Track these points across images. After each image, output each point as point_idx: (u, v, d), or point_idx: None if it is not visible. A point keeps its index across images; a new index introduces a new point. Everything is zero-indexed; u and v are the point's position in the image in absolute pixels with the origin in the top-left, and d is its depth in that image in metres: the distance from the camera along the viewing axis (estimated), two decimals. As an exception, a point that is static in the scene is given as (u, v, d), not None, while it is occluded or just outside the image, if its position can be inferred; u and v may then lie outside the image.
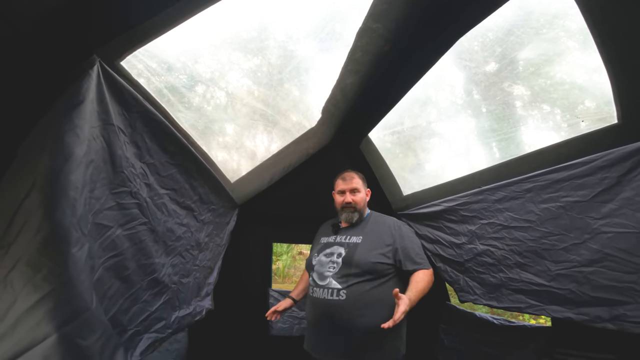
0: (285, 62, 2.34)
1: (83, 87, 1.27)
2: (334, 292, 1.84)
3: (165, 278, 1.96)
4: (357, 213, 2.13)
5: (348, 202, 2.13)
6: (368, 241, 1.96)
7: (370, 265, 1.85)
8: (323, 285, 1.90)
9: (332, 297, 1.84)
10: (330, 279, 1.90)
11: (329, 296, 1.85)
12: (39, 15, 1.16)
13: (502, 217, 2.21)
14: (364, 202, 2.19)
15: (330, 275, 1.90)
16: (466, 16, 1.76)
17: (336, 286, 1.85)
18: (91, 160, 1.32)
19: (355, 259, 1.89)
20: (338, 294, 1.83)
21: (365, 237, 2.00)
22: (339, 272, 1.89)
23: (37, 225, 1.13)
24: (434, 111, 2.85)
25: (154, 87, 1.83)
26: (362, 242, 1.96)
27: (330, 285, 1.87)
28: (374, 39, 1.94)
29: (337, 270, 1.90)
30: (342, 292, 1.83)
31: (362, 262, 1.87)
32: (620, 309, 1.69)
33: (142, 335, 1.78)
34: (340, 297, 1.82)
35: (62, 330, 1.13)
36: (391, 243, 1.96)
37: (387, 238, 1.98)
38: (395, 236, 1.99)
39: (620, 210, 1.68)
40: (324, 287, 1.88)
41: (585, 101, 2.03)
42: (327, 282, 1.89)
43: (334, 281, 1.87)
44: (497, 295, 2.29)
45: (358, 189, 2.18)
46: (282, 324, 3.50)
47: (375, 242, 1.96)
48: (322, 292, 1.88)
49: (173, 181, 1.98)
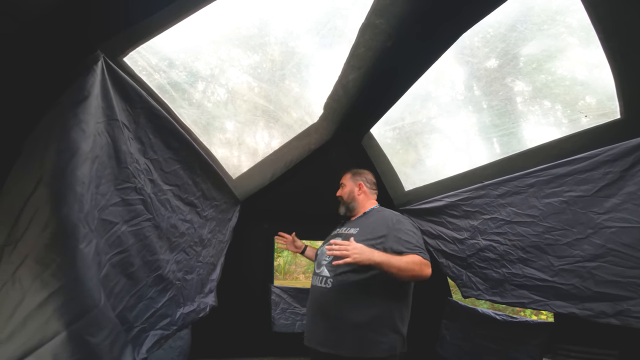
0: (287, 59, 2.34)
1: (88, 82, 1.26)
2: (324, 280, 1.92)
3: (169, 275, 1.96)
4: (344, 206, 2.25)
5: (337, 195, 2.29)
6: (362, 232, 2.00)
7: None
8: (318, 272, 1.98)
9: (321, 285, 1.92)
10: (324, 267, 1.97)
11: (319, 284, 1.93)
12: (43, 11, 1.15)
13: (504, 212, 2.22)
14: (350, 195, 2.25)
15: (325, 264, 1.97)
16: (469, 12, 1.76)
17: (326, 274, 1.92)
18: (96, 155, 1.31)
19: None
20: (326, 282, 1.90)
21: (361, 229, 2.03)
22: (331, 261, 1.93)
23: (44, 221, 1.12)
24: (435, 107, 2.85)
25: (156, 83, 1.82)
26: (357, 234, 1.99)
27: (323, 273, 1.95)
28: (376, 34, 1.93)
29: (330, 260, 1.94)
30: (329, 280, 1.89)
31: None
32: (624, 304, 1.70)
33: (148, 333, 1.78)
34: (327, 285, 1.89)
35: (71, 327, 1.12)
36: (384, 234, 1.93)
37: (381, 230, 1.96)
38: (390, 228, 1.95)
39: (624, 205, 1.69)
40: (318, 275, 1.97)
41: (586, 97, 2.04)
42: (321, 269, 1.97)
43: (326, 269, 1.94)
44: (501, 291, 2.30)
45: (343, 183, 2.30)
46: (285, 321, 3.52)
47: (368, 234, 1.97)
48: (316, 279, 1.98)
49: (176, 177, 1.97)
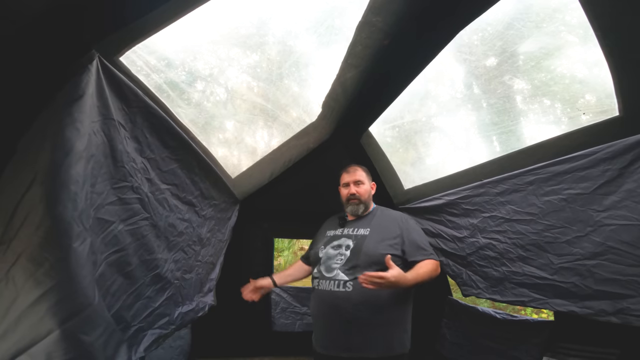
0: (285, 57, 2.33)
1: (82, 81, 1.26)
2: (341, 284, 1.83)
3: (167, 274, 1.96)
4: (363, 205, 2.12)
5: (352, 193, 2.11)
6: (376, 233, 1.96)
7: (378, 256, 1.81)
8: (330, 277, 1.88)
9: (338, 289, 1.83)
10: (337, 270, 1.88)
11: (335, 288, 1.84)
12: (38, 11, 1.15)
13: (504, 210, 2.20)
14: (369, 194, 2.17)
15: (338, 267, 1.89)
16: (466, 9, 1.75)
17: (343, 278, 1.84)
18: (92, 154, 1.31)
19: (364, 251, 1.88)
20: (345, 285, 1.82)
21: (372, 229, 1.99)
22: (346, 264, 1.88)
23: (38, 219, 1.12)
24: (434, 105, 2.84)
25: (153, 83, 1.82)
26: (370, 234, 1.95)
27: (337, 277, 1.86)
28: (373, 32, 1.92)
29: (345, 262, 1.89)
30: (349, 283, 1.81)
31: (370, 253, 1.86)
32: (624, 302, 1.69)
33: (146, 332, 1.78)
34: (346, 289, 1.81)
35: (64, 325, 1.13)
36: (399, 234, 1.95)
37: (394, 229, 1.97)
38: (402, 228, 1.98)
39: (623, 203, 1.68)
40: (331, 279, 1.87)
41: (585, 95, 2.03)
42: (334, 274, 1.88)
43: (342, 273, 1.86)
44: (500, 289, 2.29)
45: (362, 181, 2.16)
46: (285, 320, 3.51)
47: (383, 234, 1.95)
48: (328, 284, 1.87)
49: (174, 176, 1.97)
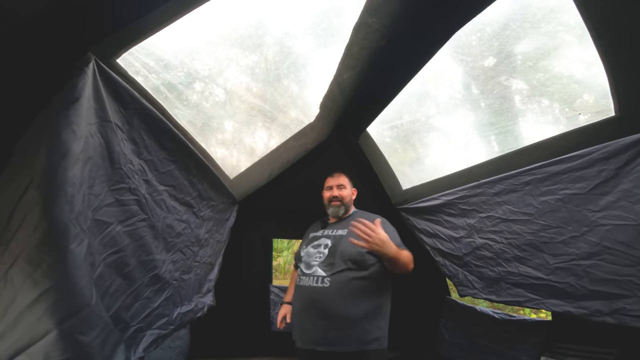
0: (283, 58, 2.34)
1: (79, 84, 1.27)
2: (319, 280, 1.92)
3: (166, 274, 1.97)
4: (343, 207, 2.22)
5: (335, 195, 2.22)
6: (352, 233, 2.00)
7: (353, 255, 1.91)
8: (309, 273, 1.98)
9: (316, 284, 1.92)
10: (316, 267, 1.98)
11: (314, 283, 1.93)
12: (34, 14, 1.16)
13: (500, 210, 2.21)
14: (350, 198, 2.28)
15: (317, 264, 1.99)
16: (462, 9, 1.76)
17: (321, 274, 1.93)
18: (89, 156, 1.32)
19: (340, 249, 1.97)
20: (322, 281, 1.91)
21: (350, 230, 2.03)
22: (324, 261, 1.97)
23: (35, 221, 1.13)
24: (432, 105, 2.84)
25: (151, 85, 1.83)
26: (347, 234, 2.03)
27: (316, 273, 1.95)
28: (370, 33, 1.93)
29: (323, 260, 1.98)
30: (327, 279, 1.90)
31: (346, 252, 1.94)
32: (620, 302, 1.70)
33: (144, 332, 1.79)
34: (324, 284, 1.89)
35: (62, 326, 1.14)
36: None
37: None
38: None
39: (619, 203, 1.68)
40: (310, 275, 1.96)
41: (583, 94, 2.03)
42: (313, 270, 1.98)
43: (320, 269, 1.95)
44: (496, 289, 2.30)
45: (344, 185, 2.27)
46: (284, 320, 3.51)
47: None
48: (308, 279, 1.97)
49: (172, 177, 1.98)
